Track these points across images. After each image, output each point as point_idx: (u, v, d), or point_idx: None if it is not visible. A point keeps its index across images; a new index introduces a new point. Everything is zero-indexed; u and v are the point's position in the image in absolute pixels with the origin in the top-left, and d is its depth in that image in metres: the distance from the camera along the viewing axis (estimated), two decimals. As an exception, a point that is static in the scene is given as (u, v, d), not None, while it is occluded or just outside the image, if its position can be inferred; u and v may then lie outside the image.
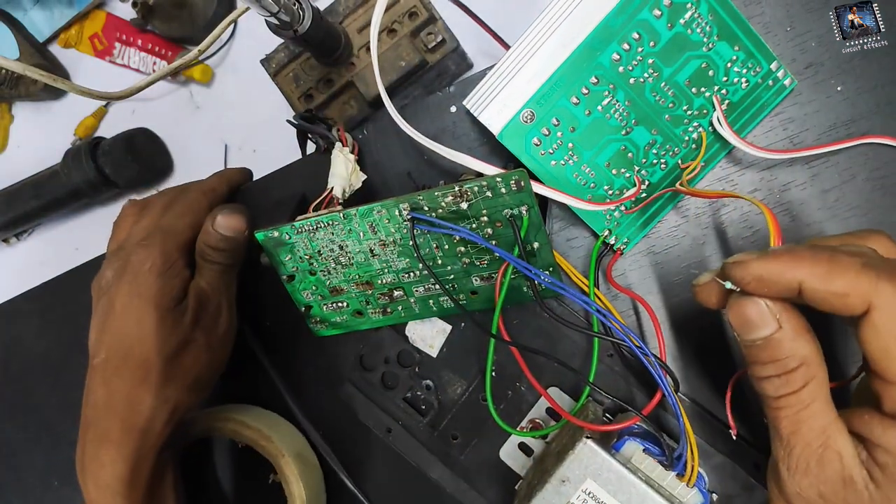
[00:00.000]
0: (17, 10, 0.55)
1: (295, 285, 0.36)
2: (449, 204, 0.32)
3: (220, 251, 0.33)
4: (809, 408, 0.22)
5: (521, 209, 0.31)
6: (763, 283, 0.21)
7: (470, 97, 0.33)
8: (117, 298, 0.31)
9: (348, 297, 0.36)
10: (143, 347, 0.31)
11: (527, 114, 0.31)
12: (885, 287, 0.19)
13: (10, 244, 0.57)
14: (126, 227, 0.35)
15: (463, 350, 0.37)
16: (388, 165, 0.37)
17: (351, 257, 0.35)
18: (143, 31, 0.53)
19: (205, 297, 0.33)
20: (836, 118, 0.33)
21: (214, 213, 0.33)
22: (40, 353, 0.42)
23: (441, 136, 0.37)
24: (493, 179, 0.30)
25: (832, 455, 0.21)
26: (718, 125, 0.32)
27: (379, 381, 0.37)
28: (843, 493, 0.21)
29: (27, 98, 0.55)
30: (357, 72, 0.42)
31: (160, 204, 0.36)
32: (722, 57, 0.32)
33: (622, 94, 0.32)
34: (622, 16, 0.31)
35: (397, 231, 0.33)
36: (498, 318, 0.33)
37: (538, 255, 0.33)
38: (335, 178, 0.35)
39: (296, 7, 0.35)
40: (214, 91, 0.53)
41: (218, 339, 0.34)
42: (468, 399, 0.37)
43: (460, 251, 0.33)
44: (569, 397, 0.35)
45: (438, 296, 0.35)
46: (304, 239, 0.34)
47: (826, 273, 0.20)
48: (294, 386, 0.38)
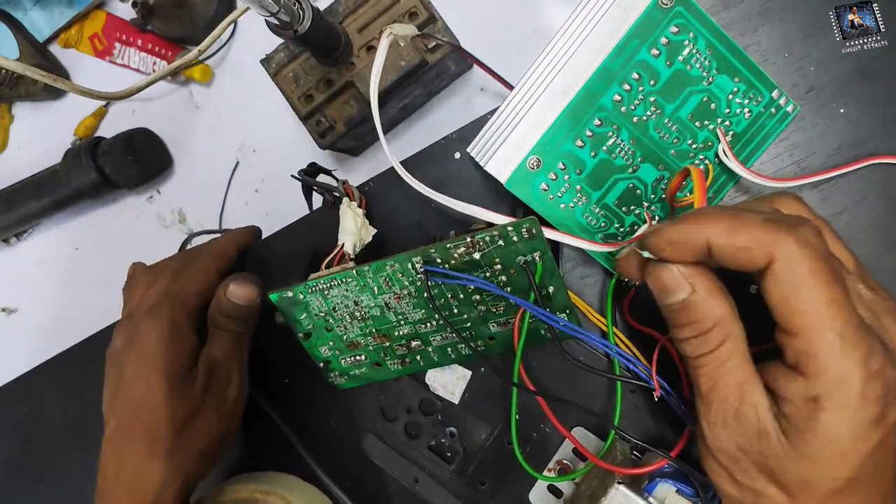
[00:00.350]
0: (17, 10, 0.55)
1: (312, 342, 0.36)
2: (462, 255, 0.32)
3: (233, 319, 0.33)
4: (726, 365, 0.22)
5: (534, 255, 0.31)
6: (676, 247, 0.22)
7: (474, 145, 0.33)
8: (126, 367, 0.31)
9: (366, 350, 0.36)
10: (152, 417, 0.31)
11: (533, 160, 0.32)
12: (784, 238, 0.20)
13: (10, 244, 0.57)
14: (137, 294, 0.35)
15: (484, 395, 0.37)
16: (396, 216, 0.37)
17: (366, 312, 0.35)
18: (143, 31, 0.53)
19: (215, 364, 0.33)
20: (841, 140, 0.33)
21: (227, 282, 0.33)
22: (60, 423, 0.42)
23: (447, 182, 0.37)
24: (504, 228, 0.30)
25: (748, 409, 0.22)
26: (724, 157, 0.32)
27: (402, 430, 0.37)
28: (758, 445, 0.21)
29: (27, 98, 0.55)
30: (357, 72, 0.42)
31: (170, 270, 0.36)
32: (723, 90, 0.32)
33: (626, 134, 0.32)
34: (620, 57, 0.31)
35: (411, 284, 0.33)
36: (519, 365, 0.32)
37: (554, 298, 0.33)
38: (345, 235, 0.35)
39: (296, 7, 0.35)
40: (214, 91, 0.53)
41: (228, 407, 0.34)
42: (493, 443, 0.36)
43: (476, 299, 0.33)
44: (595, 437, 0.35)
45: (456, 343, 0.35)
46: (318, 297, 0.34)
47: (730, 228, 0.21)
48: (315, 443, 0.38)
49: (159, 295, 0.34)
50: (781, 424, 0.21)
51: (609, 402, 0.35)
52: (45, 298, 0.56)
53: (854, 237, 0.33)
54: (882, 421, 0.20)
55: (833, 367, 0.19)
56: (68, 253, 0.55)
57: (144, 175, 0.52)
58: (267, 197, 0.52)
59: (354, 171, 0.52)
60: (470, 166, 0.36)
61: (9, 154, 0.57)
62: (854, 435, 0.20)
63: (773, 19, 0.33)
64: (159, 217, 0.54)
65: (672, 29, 0.31)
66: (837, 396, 0.20)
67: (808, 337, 0.20)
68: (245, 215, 0.53)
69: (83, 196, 0.51)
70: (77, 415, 0.42)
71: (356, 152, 0.51)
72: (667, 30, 0.31)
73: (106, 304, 0.56)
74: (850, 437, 0.20)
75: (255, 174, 0.53)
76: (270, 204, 0.52)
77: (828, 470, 0.20)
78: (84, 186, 0.50)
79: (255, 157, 0.52)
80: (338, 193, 0.36)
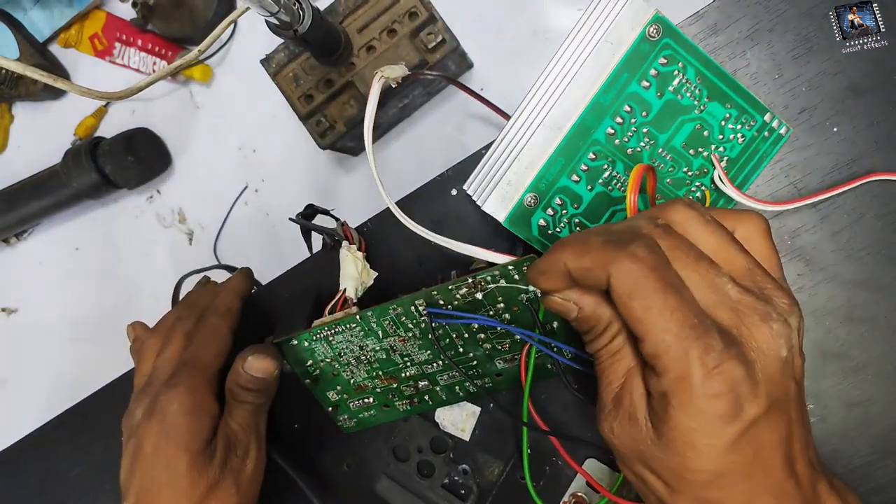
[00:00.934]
0: (17, 10, 0.55)
1: (319, 387, 0.36)
2: (464, 295, 0.32)
3: (251, 392, 0.33)
4: (615, 355, 0.24)
5: (535, 292, 0.31)
6: (546, 277, 0.24)
7: (470, 183, 0.33)
8: (146, 440, 0.31)
9: (374, 392, 0.36)
10: (171, 492, 0.30)
11: (530, 198, 0.32)
12: (616, 255, 0.22)
13: (10, 244, 0.57)
14: (150, 359, 0.35)
15: (495, 430, 0.37)
16: (396, 256, 0.37)
17: (372, 355, 0.35)
18: (143, 31, 0.53)
19: (234, 437, 0.33)
20: (836, 159, 0.33)
21: (245, 355, 0.33)
22: (74, 477, 0.42)
23: (445, 220, 0.37)
24: (504, 268, 0.30)
25: (625, 394, 0.23)
26: (720, 183, 0.32)
27: (415, 470, 0.37)
28: (630, 430, 0.23)
29: (27, 98, 0.55)
30: (357, 72, 0.42)
31: (181, 333, 0.35)
32: (715, 117, 0.32)
33: (622, 166, 0.32)
34: (611, 91, 0.31)
35: (415, 326, 0.33)
36: (527, 403, 0.32)
37: (558, 333, 0.33)
38: (347, 280, 0.35)
39: (296, 7, 0.35)
40: (214, 91, 0.53)
41: (247, 479, 0.33)
42: (507, 479, 0.36)
43: (481, 338, 0.33)
44: (608, 468, 0.35)
45: (464, 382, 0.35)
46: (323, 343, 0.34)
47: (578, 252, 0.23)
48: (328, 488, 0.38)
49: (175, 362, 0.34)
50: (650, 415, 0.23)
51: (620, 432, 0.35)
52: (45, 298, 0.56)
53: (854, 255, 0.33)
54: (736, 417, 0.21)
55: (673, 366, 0.21)
56: (68, 253, 0.55)
57: (144, 175, 0.52)
58: (267, 197, 0.53)
59: (354, 171, 0.52)
60: (467, 202, 0.36)
61: (9, 154, 0.57)
62: (704, 430, 0.21)
63: (761, 41, 0.34)
64: (159, 217, 0.54)
65: (661, 61, 0.31)
66: (680, 393, 0.21)
67: (650, 341, 0.21)
68: (245, 215, 0.53)
69: (83, 196, 0.51)
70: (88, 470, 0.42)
71: (356, 152, 0.51)
72: (655, 62, 0.31)
73: (106, 304, 0.56)
74: (701, 431, 0.21)
75: (255, 174, 0.53)
76: (270, 204, 0.53)
77: (687, 462, 0.21)
78: (84, 186, 0.50)
79: (255, 157, 0.52)
80: (337, 237, 0.36)
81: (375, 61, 0.43)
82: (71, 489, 0.42)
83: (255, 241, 0.55)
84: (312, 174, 0.54)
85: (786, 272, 0.33)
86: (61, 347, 0.56)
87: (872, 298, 0.33)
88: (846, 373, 0.33)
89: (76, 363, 0.57)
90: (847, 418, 0.33)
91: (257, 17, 0.33)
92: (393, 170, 0.53)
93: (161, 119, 0.53)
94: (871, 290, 0.32)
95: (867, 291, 0.33)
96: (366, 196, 0.54)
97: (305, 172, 0.54)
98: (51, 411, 0.44)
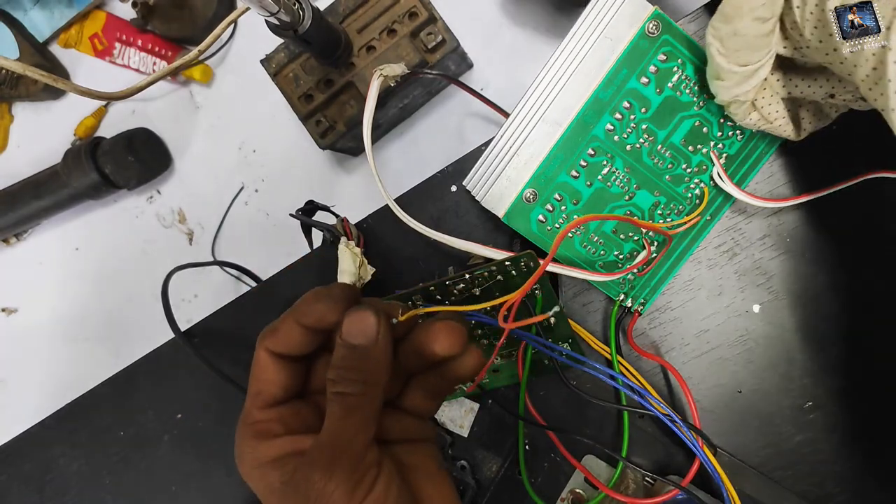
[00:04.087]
0: (17, 10, 0.55)
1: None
2: (461, 291, 0.32)
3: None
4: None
5: (532, 289, 0.31)
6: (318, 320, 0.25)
7: (470, 178, 0.33)
8: None
9: (372, 388, 0.36)
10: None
11: (529, 193, 0.32)
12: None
13: (10, 244, 0.57)
14: None
15: (493, 426, 0.36)
16: (394, 252, 0.37)
17: (370, 351, 0.35)
18: (143, 32, 0.53)
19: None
20: (835, 156, 0.33)
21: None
22: (74, 471, 0.42)
23: (444, 216, 0.37)
24: (502, 264, 0.30)
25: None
26: (719, 180, 0.32)
27: (412, 467, 0.37)
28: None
29: (27, 98, 0.55)
30: (357, 72, 0.42)
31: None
32: (714, 113, 0.32)
33: (620, 162, 0.32)
34: (611, 88, 0.31)
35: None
36: (524, 397, 0.32)
37: (555, 329, 0.33)
38: (344, 275, 0.35)
39: (296, 7, 0.35)
40: (214, 91, 0.53)
41: None
42: (505, 475, 0.36)
43: (477, 333, 0.33)
44: (606, 464, 0.35)
45: (462, 378, 0.35)
46: (321, 339, 0.34)
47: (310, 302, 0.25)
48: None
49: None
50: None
51: (618, 427, 0.35)
52: (45, 298, 0.56)
53: (853, 252, 0.33)
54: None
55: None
56: (68, 253, 0.55)
57: (144, 175, 0.52)
58: (267, 197, 0.53)
59: (354, 171, 0.52)
60: (466, 198, 0.36)
61: (9, 154, 0.57)
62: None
63: (760, 39, 0.33)
64: (159, 217, 0.54)
65: (660, 57, 0.31)
66: None
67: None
68: (245, 215, 0.53)
69: (83, 196, 0.51)
70: (86, 467, 0.42)
71: (356, 152, 0.51)
72: (655, 58, 0.31)
73: (106, 304, 0.56)
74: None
75: (255, 174, 0.53)
76: (270, 204, 0.53)
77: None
78: (84, 186, 0.50)
79: (255, 157, 0.52)
80: (337, 233, 0.37)
81: (375, 61, 0.43)
82: (70, 485, 0.42)
83: (255, 241, 0.55)
84: (312, 174, 0.54)
85: (784, 269, 0.33)
86: (61, 347, 0.56)
87: (872, 294, 0.33)
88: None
89: (76, 363, 0.57)
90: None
91: (257, 17, 0.33)
92: (393, 169, 0.53)
93: (161, 119, 0.53)
94: (868, 292, 0.32)
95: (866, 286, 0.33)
96: (365, 195, 0.54)
97: (305, 172, 0.54)
98: (50, 411, 0.44)
